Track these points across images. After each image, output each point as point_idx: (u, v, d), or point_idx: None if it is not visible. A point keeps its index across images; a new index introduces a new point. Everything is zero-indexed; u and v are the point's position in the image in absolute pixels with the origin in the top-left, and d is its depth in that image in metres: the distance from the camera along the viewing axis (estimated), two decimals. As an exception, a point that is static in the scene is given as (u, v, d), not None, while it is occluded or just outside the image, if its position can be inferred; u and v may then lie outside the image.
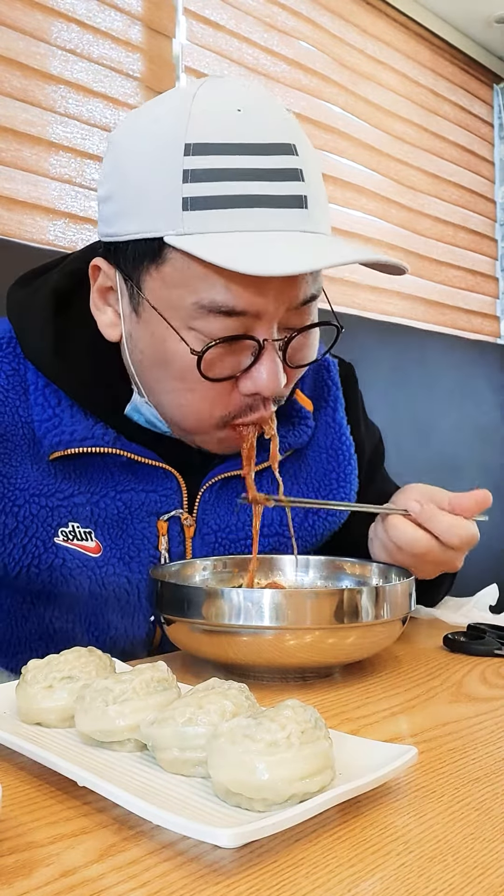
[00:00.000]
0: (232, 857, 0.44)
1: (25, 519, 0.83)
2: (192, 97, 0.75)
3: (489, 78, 3.37)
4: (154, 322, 0.78)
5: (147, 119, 0.78)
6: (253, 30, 2.36)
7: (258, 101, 0.77)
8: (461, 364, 2.65)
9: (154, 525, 0.88)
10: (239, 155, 0.73)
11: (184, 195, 0.72)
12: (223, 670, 0.75)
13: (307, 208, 0.75)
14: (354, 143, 2.68)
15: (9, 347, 0.87)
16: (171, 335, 0.77)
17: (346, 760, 0.52)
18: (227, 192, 0.72)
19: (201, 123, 0.74)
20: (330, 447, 0.98)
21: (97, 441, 0.84)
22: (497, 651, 0.84)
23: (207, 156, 0.72)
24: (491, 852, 0.45)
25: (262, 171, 0.73)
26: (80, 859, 0.44)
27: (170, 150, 0.73)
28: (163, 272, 0.76)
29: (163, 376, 0.80)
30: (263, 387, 0.78)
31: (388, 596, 0.74)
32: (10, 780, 0.53)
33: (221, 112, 0.75)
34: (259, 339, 0.76)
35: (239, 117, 0.74)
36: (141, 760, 0.54)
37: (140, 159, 0.76)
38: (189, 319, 0.76)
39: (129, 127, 0.80)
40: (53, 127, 1.87)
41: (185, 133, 0.73)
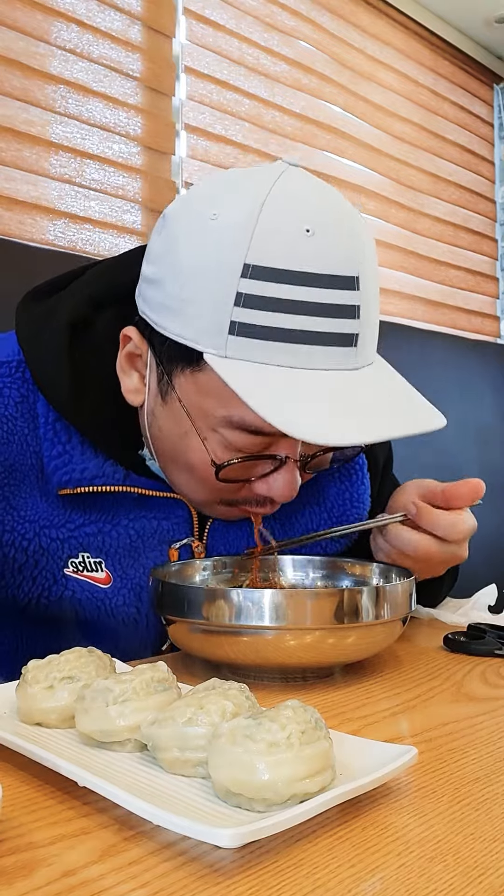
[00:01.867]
0: (232, 858, 0.44)
1: (35, 553, 0.82)
2: (261, 205, 0.71)
3: (489, 78, 3.37)
4: (179, 415, 0.78)
5: (210, 214, 0.73)
6: (253, 30, 2.36)
7: (331, 220, 0.73)
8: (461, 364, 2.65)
9: (165, 553, 0.87)
10: (297, 286, 0.70)
11: (232, 318, 0.70)
12: (223, 670, 0.75)
13: (356, 346, 0.73)
14: (354, 143, 2.68)
15: (17, 372, 0.84)
16: (194, 433, 0.77)
17: (346, 760, 0.52)
18: (276, 324, 0.70)
19: (265, 244, 0.70)
20: (343, 468, 0.96)
21: (108, 480, 0.82)
22: (497, 651, 0.83)
23: (264, 281, 0.70)
24: (491, 852, 0.45)
25: (318, 305, 0.70)
26: (81, 859, 0.44)
27: (227, 267, 0.70)
28: (197, 378, 0.75)
29: (177, 460, 0.81)
30: (277, 495, 0.78)
31: (389, 596, 0.74)
32: (10, 780, 0.53)
33: (288, 232, 0.70)
34: (281, 457, 0.76)
35: (305, 241, 0.70)
36: (141, 760, 0.54)
37: (194, 264, 0.72)
38: (214, 425, 0.76)
39: (190, 216, 0.75)
40: (53, 127, 1.87)
41: (247, 252, 0.70)
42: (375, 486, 0.99)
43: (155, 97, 2.10)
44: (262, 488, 0.79)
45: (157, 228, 0.79)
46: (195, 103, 2.19)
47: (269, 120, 2.39)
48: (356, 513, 0.96)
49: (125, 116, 2.02)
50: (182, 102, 2.16)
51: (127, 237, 2.01)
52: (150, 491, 0.85)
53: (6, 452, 0.81)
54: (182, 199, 0.79)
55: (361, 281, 0.73)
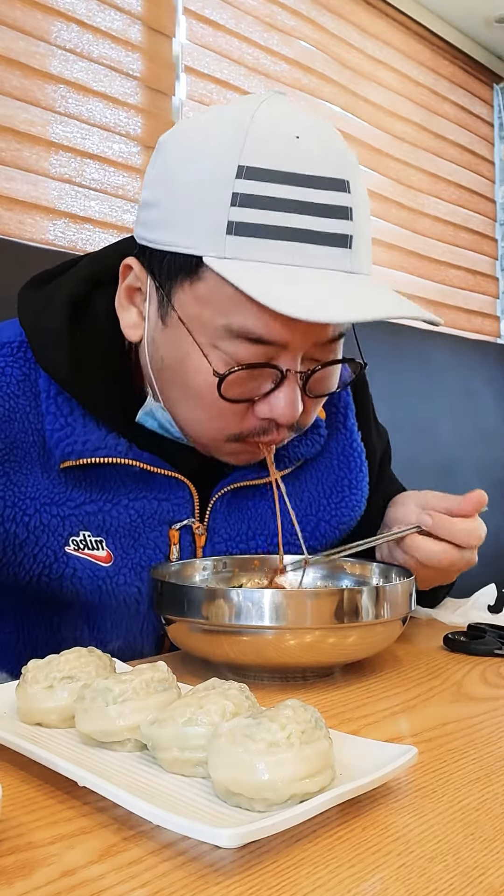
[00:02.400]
0: (232, 857, 0.44)
1: (36, 529, 0.82)
2: (251, 117, 0.74)
3: (489, 78, 3.37)
4: (179, 334, 0.78)
5: (203, 131, 0.76)
6: (253, 30, 2.36)
7: (317, 130, 0.75)
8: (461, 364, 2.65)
9: (166, 534, 0.87)
10: (290, 185, 0.72)
11: (230, 218, 0.71)
12: (223, 670, 0.75)
13: (351, 248, 0.74)
14: (354, 143, 2.68)
15: (19, 352, 0.85)
16: (195, 351, 0.77)
17: (346, 760, 0.52)
18: (273, 222, 0.71)
19: (257, 147, 0.72)
20: (341, 453, 0.97)
21: (110, 451, 0.83)
22: (497, 651, 0.83)
23: (258, 181, 0.71)
24: (491, 852, 0.45)
25: (311, 204, 0.72)
26: (81, 859, 0.44)
27: (222, 169, 0.72)
28: (196, 289, 0.76)
29: (180, 387, 0.80)
30: (280, 414, 0.78)
31: (389, 596, 0.74)
32: (10, 780, 0.53)
33: (279, 137, 0.73)
34: (282, 369, 0.76)
35: (295, 145, 0.73)
36: (141, 760, 0.54)
37: (190, 173, 0.74)
38: (215, 339, 0.76)
39: (183, 136, 0.78)
40: (53, 127, 1.87)
41: (240, 155, 0.72)
42: (373, 477, 1.00)
43: (155, 97, 2.10)
44: (264, 409, 0.78)
45: (152, 158, 0.81)
46: (195, 103, 2.19)
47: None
48: (355, 499, 0.96)
49: (125, 116, 2.02)
50: (182, 102, 2.16)
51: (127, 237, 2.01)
52: (151, 467, 0.85)
53: (8, 429, 0.82)
54: (175, 126, 0.81)
55: (351, 185, 0.75)
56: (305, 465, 0.95)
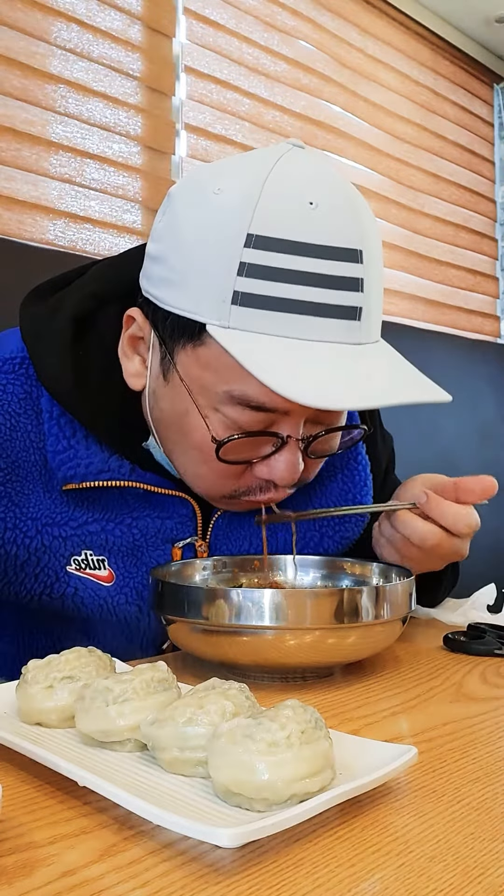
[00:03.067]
0: (232, 857, 0.44)
1: (38, 550, 0.81)
2: (264, 178, 0.71)
3: (489, 78, 3.37)
4: (180, 392, 0.77)
5: (214, 189, 0.73)
6: (253, 30, 2.36)
7: (333, 194, 0.73)
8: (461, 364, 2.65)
9: (168, 552, 0.87)
10: (300, 256, 0.70)
11: (235, 288, 0.70)
12: (223, 670, 0.75)
13: (360, 320, 0.73)
14: (354, 143, 2.68)
15: (21, 369, 0.83)
16: (195, 411, 0.76)
17: (346, 760, 0.52)
18: (279, 293, 0.70)
19: (268, 213, 0.70)
20: (345, 467, 0.95)
21: (113, 474, 0.82)
22: (497, 651, 0.83)
23: (267, 251, 0.70)
24: (491, 852, 0.45)
25: (321, 276, 0.70)
26: (81, 859, 0.44)
27: (230, 237, 0.70)
28: (198, 353, 0.75)
29: (179, 442, 0.80)
30: (279, 478, 0.77)
31: (388, 596, 0.74)
32: (10, 780, 0.53)
33: (291, 204, 0.71)
34: (282, 436, 0.76)
35: (308, 213, 0.71)
36: (141, 760, 0.54)
37: (197, 236, 0.73)
38: (216, 403, 0.75)
39: (193, 191, 0.76)
40: (53, 126, 1.87)
41: (250, 222, 0.70)
42: (377, 487, 0.99)
43: (155, 97, 2.10)
44: (263, 471, 0.78)
45: (161, 208, 0.80)
46: (195, 103, 2.19)
47: (269, 120, 2.39)
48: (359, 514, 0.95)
49: (125, 116, 2.02)
50: (182, 102, 2.16)
51: (127, 237, 2.01)
52: (155, 487, 0.84)
53: (9, 449, 0.81)
54: (186, 178, 0.79)
55: (364, 255, 0.73)
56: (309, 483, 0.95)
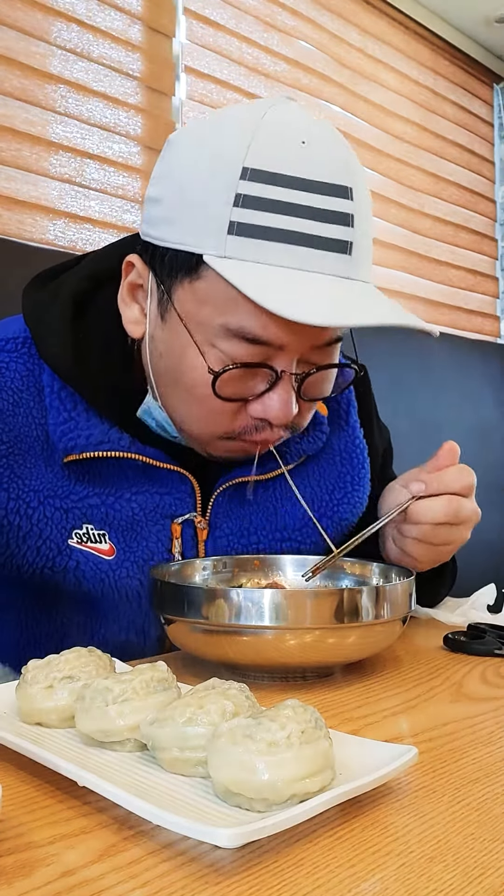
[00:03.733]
0: (232, 857, 0.44)
1: (39, 521, 0.82)
2: (259, 119, 0.74)
3: (489, 78, 3.37)
4: (178, 331, 0.78)
5: (210, 131, 0.77)
6: (253, 30, 2.36)
7: (325, 137, 0.76)
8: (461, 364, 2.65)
9: (168, 528, 0.87)
10: (293, 189, 0.72)
11: (231, 218, 0.72)
12: (223, 670, 0.75)
13: (351, 255, 0.74)
14: (354, 143, 2.68)
15: (24, 348, 0.86)
16: (192, 348, 0.77)
17: (346, 760, 0.52)
18: (274, 224, 0.72)
19: (263, 149, 0.73)
20: (343, 450, 0.97)
21: (113, 445, 0.83)
22: (497, 651, 0.83)
23: (262, 184, 0.72)
24: (491, 852, 0.45)
25: (313, 209, 0.72)
26: (80, 859, 0.44)
27: (226, 170, 0.73)
28: (196, 287, 0.76)
29: (177, 383, 0.81)
30: (273, 415, 0.78)
31: (389, 596, 0.74)
32: (10, 780, 0.53)
33: (285, 141, 0.73)
34: (277, 370, 0.77)
35: (301, 150, 0.73)
36: (141, 760, 0.54)
37: (195, 172, 0.75)
38: (212, 337, 0.76)
39: (191, 135, 0.79)
40: (53, 127, 1.87)
41: (245, 156, 0.72)
42: (375, 474, 1.00)
43: (155, 97, 2.10)
44: (257, 409, 0.79)
45: (160, 155, 0.82)
46: (195, 103, 2.19)
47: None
48: (357, 495, 0.97)
49: (125, 116, 2.02)
50: (182, 102, 2.16)
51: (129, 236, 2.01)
52: (154, 461, 0.85)
53: (12, 423, 0.83)
54: (185, 126, 0.82)
55: (354, 193, 0.75)
56: (307, 462, 0.95)
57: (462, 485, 0.83)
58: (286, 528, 0.93)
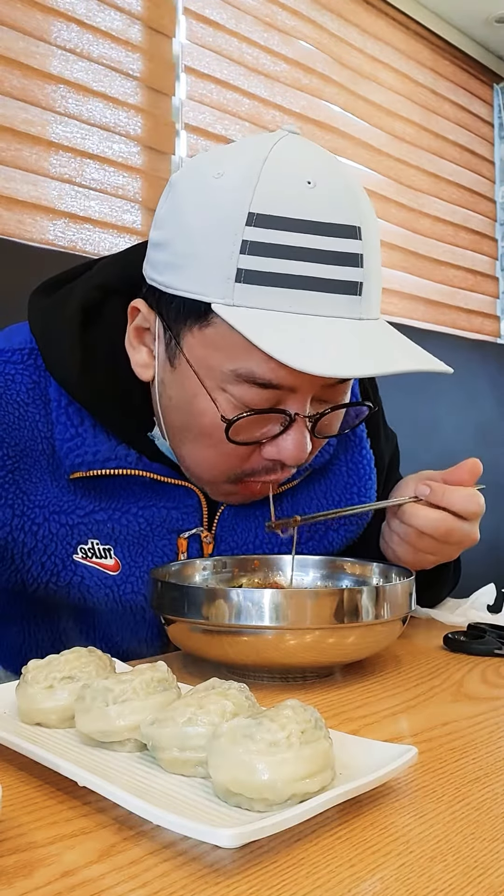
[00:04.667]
0: (232, 857, 0.44)
1: (45, 538, 0.82)
2: (263, 160, 0.73)
3: (489, 77, 3.37)
4: (187, 376, 0.78)
5: (214, 174, 0.75)
6: (253, 30, 2.36)
7: (330, 174, 0.75)
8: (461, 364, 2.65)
9: (174, 542, 0.87)
10: (301, 233, 0.71)
11: (239, 266, 0.71)
12: (223, 670, 0.75)
13: (361, 295, 0.74)
14: (354, 143, 2.68)
15: (29, 359, 0.85)
16: (203, 394, 0.77)
17: (346, 760, 0.52)
18: (282, 269, 0.71)
19: (268, 193, 0.71)
20: (350, 461, 0.96)
21: (120, 462, 0.82)
22: (497, 651, 0.83)
23: (269, 229, 0.71)
24: (491, 852, 0.45)
25: (322, 252, 0.71)
26: (81, 859, 0.44)
27: (232, 216, 0.72)
28: (205, 333, 0.75)
29: (188, 428, 0.80)
30: (288, 457, 0.78)
31: (389, 596, 0.74)
32: (10, 780, 0.53)
33: (290, 183, 0.72)
34: (290, 413, 0.76)
35: (307, 192, 0.72)
36: (141, 760, 0.54)
37: (200, 218, 0.74)
38: (223, 383, 0.75)
39: (194, 177, 0.77)
40: (53, 127, 1.87)
41: (251, 201, 0.71)
42: (381, 483, 1.00)
43: (155, 97, 2.10)
44: (271, 451, 0.78)
45: (163, 195, 0.81)
46: (195, 103, 2.19)
47: (269, 120, 2.39)
48: None
49: (125, 116, 2.02)
50: (182, 102, 2.16)
51: (127, 237, 2.01)
52: (161, 477, 0.85)
53: (18, 437, 0.82)
54: (187, 165, 0.80)
55: (363, 232, 0.74)
56: (314, 474, 0.95)
57: (464, 508, 0.82)
58: (289, 544, 0.93)
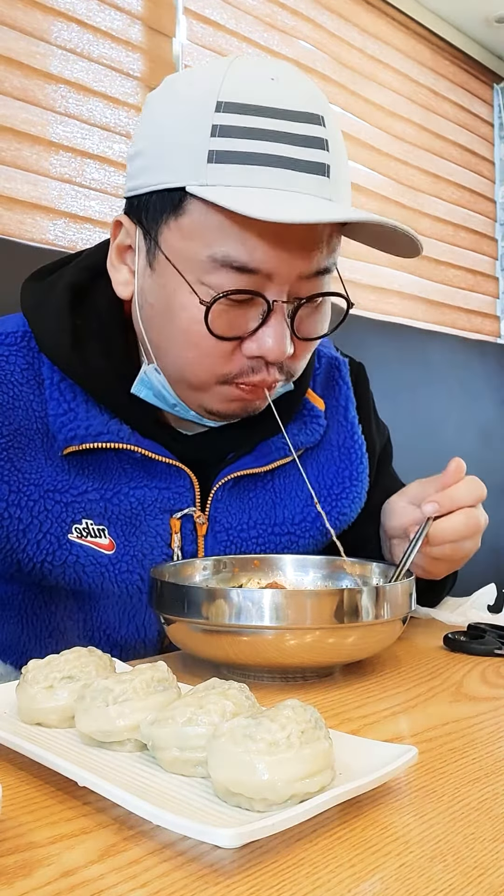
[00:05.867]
0: (232, 857, 0.44)
1: (40, 514, 0.83)
2: (229, 63, 0.77)
3: (489, 77, 3.37)
4: (167, 274, 0.79)
5: (184, 81, 0.80)
6: (253, 29, 2.36)
7: (291, 73, 0.79)
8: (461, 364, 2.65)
9: (167, 522, 0.88)
10: (268, 118, 0.74)
11: (210, 148, 0.73)
12: (223, 670, 0.75)
13: (329, 177, 0.76)
14: (354, 143, 2.68)
15: (23, 341, 0.87)
16: (183, 287, 0.78)
17: (346, 760, 0.52)
18: (252, 149, 0.73)
19: (235, 85, 0.75)
20: (342, 445, 0.98)
21: (112, 437, 0.84)
22: (497, 651, 0.83)
23: (237, 114, 0.74)
24: (491, 852, 0.45)
25: (289, 135, 0.74)
26: (81, 859, 0.44)
27: (201, 106, 0.75)
28: (181, 224, 0.77)
29: (169, 329, 0.81)
30: (268, 350, 0.78)
31: (389, 596, 0.74)
32: (10, 780, 0.53)
33: (255, 78, 0.76)
34: (268, 300, 0.77)
35: (272, 84, 0.76)
36: (141, 760, 0.54)
37: (172, 116, 0.77)
38: (202, 273, 0.76)
39: (166, 88, 0.81)
40: (53, 127, 1.87)
41: (219, 92, 0.74)
42: (373, 470, 1.01)
43: (155, 97, 2.09)
44: (252, 347, 0.79)
45: (140, 117, 0.84)
46: (195, 103, 2.19)
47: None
48: (355, 491, 0.97)
49: (125, 116, 2.02)
50: (182, 102, 2.16)
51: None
52: (153, 454, 0.86)
53: (12, 416, 0.83)
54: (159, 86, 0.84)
55: (326, 120, 0.77)
56: (306, 457, 0.96)
57: (475, 497, 0.83)
58: (285, 523, 0.94)
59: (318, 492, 0.96)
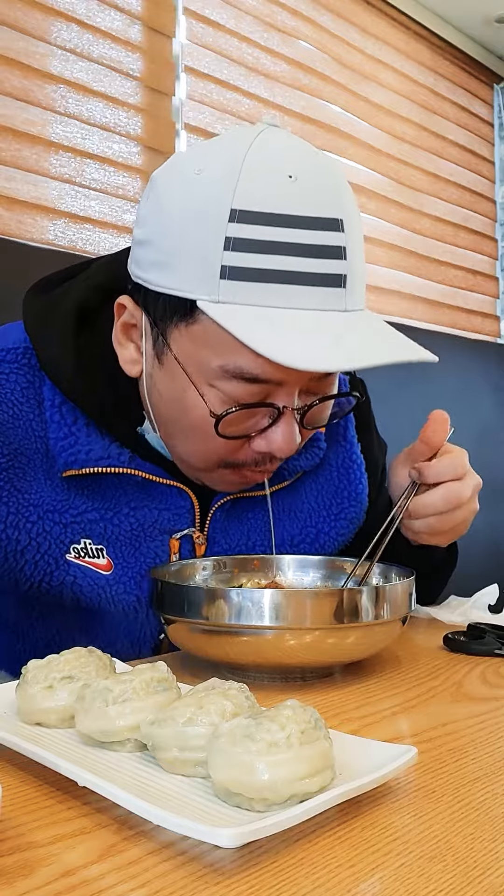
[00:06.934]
0: (232, 857, 0.44)
1: (38, 535, 0.82)
2: (243, 155, 0.73)
3: (489, 78, 3.37)
4: (175, 373, 0.78)
5: (195, 170, 0.75)
6: (253, 29, 2.36)
7: (312, 167, 0.74)
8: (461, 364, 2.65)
9: (166, 543, 0.87)
10: (283, 227, 0.71)
11: (223, 263, 0.71)
12: (223, 670, 0.75)
13: (345, 287, 0.74)
14: (354, 143, 2.68)
15: (24, 358, 0.85)
16: (192, 389, 0.77)
17: (346, 760, 0.52)
18: (266, 265, 0.71)
19: (250, 188, 0.71)
20: (341, 465, 0.97)
21: (113, 461, 0.83)
22: (497, 651, 0.83)
23: (252, 225, 0.71)
24: (491, 852, 0.45)
25: (305, 246, 0.71)
26: (81, 859, 0.44)
27: (214, 213, 0.71)
28: (192, 330, 0.75)
29: (177, 422, 0.80)
30: (277, 449, 0.78)
31: (388, 596, 0.74)
32: (10, 780, 0.53)
33: (272, 178, 0.72)
34: (279, 406, 0.76)
35: (289, 186, 0.72)
36: (141, 760, 0.54)
37: (182, 215, 0.74)
38: (211, 379, 0.76)
39: (175, 174, 0.77)
40: (53, 126, 1.87)
41: (233, 198, 0.71)
42: (374, 488, 1.00)
43: (155, 97, 2.10)
44: (261, 444, 0.79)
45: (144, 194, 0.81)
46: (195, 103, 2.19)
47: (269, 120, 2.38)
48: (354, 510, 0.96)
49: (125, 116, 2.02)
50: (182, 102, 2.16)
51: (127, 237, 2.01)
52: (154, 476, 0.85)
53: (12, 436, 0.82)
54: (167, 162, 0.81)
55: (345, 224, 0.74)
56: (304, 477, 0.95)
57: (455, 473, 0.84)
58: (283, 544, 0.93)
59: (318, 511, 0.95)
